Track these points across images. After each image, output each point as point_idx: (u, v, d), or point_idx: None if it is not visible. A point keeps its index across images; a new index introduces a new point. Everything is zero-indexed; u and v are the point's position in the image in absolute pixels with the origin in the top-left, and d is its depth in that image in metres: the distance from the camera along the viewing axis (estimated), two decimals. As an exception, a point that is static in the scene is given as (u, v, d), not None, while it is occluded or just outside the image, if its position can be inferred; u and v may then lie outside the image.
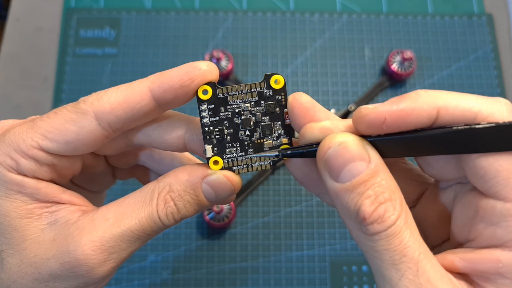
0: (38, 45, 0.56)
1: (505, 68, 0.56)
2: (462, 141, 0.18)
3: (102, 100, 0.21)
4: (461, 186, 0.20)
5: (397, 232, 0.18)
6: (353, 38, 0.57)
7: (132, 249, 0.22)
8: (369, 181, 0.18)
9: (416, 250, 0.18)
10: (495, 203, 0.18)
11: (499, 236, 0.18)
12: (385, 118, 0.18)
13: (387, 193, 0.18)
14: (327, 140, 0.19)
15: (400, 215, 0.18)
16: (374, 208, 0.18)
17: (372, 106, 0.19)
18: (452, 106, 0.18)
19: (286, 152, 0.22)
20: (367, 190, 0.18)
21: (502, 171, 0.17)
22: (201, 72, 0.21)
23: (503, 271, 0.18)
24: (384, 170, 0.19)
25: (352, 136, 0.19)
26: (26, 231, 0.21)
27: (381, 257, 0.18)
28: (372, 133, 0.19)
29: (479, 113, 0.18)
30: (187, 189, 0.22)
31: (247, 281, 0.47)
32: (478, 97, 0.18)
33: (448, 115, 0.18)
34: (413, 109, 0.18)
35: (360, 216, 0.18)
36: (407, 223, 0.18)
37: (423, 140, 0.18)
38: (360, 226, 0.18)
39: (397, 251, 0.18)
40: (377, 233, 0.18)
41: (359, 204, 0.18)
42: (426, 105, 0.18)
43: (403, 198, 0.19)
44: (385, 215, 0.18)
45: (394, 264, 0.18)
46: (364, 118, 0.19)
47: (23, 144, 0.21)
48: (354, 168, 0.18)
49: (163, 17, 0.57)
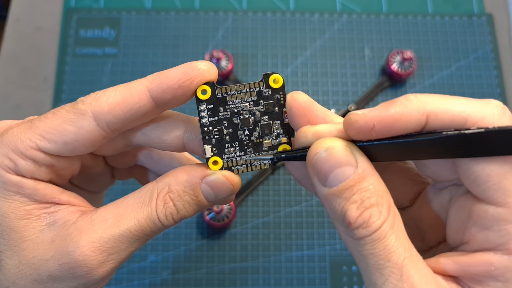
0: (38, 45, 0.56)
1: (505, 68, 0.56)
2: (453, 146, 0.18)
3: (101, 100, 0.21)
4: (456, 188, 0.20)
5: (382, 237, 0.18)
6: (353, 38, 0.57)
7: (131, 249, 0.22)
8: (356, 186, 0.18)
9: (401, 255, 0.18)
10: (487, 207, 0.18)
11: (491, 240, 0.18)
12: (374, 125, 0.18)
13: (374, 198, 0.18)
14: (315, 145, 0.19)
15: (386, 220, 0.18)
16: (360, 213, 0.18)
17: (362, 112, 0.19)
18: (442, 112, 0.18)
19: (280, 156, 0.22)
20: (353, 195, 0.18)
21: (493, 175, 0.17)
22: (199, 72, 0.21)
23: (495, 274, 0.18)
24: (372, 174, 0.19)
25: (339, 142, 0.19)
26: (25, 232, 0.21)
27: (366, 261, 0.18)
28: (362, 138, 0.19)
29: (469, 117, 0.17)
30: (186, 189, 0.22)
31: (247, 281, 0.47)
32: (469, 100, 0.18)
33: (437, 120, 0.18)
34: (401, 115, 0.18)
35: (346, 220, 0.18)
36: (393, 228, 0.18)
37: (413, 146, 0.18)
38: (347, 230, 0.18)
39: (382, 256, 0.18)
40: (362, 237, 0.18)
41: (345, 209, 0.18)
42: (415, 111, 0.18)
43: (392, 203, 0.19)
44: (370, 220, 0.18)
45: (378, 269, 0.18)
46: (353, 125, 0.19)
47: (21, 144, 0.21)
48: (341, 173, 0.18)
49: (163, 17, 0.57)
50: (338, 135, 0.20)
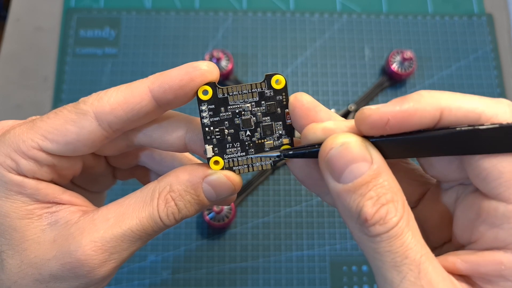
0: (38, 45, 0.56)
1: (505, 68, 0.56)
2: (466, 142, 0.18)
3: (102, 101, 0.21)
4: (463, 188, 0.20)
5: (399, 234, 0.17)
6: (353, 38, 0.57)
7: (133, 249, 0.22)
8: (371, 182, 0.18)
9: (418, 252, 0.17)
10: (497, 204, 0.18)
11: (501, 238, 0.18)
12: (388, 119, 0.18)
13: (389, 195, 0.18)
14: (329, 140, 0.19)
15: (402, 217, 0.18)
16: (376, 210, 0.18)
17: (375, 107, 0.18)
18: (456, 107, 0.18)
19: (288, 153, 0.22)
20: (369, 191, 0.18)
21: (505, 172, 0.17)
22: (201, 72, 0.21)
23: (506, 274, 0.18)
24: (387, 171, 0.19)
25: (354, 137, 0.19)
26: (26, 232, 0.21)
27: (382, 259, 0.18)
28: (375, 134, 0.19)
29: (483, 114, 0.18)
30: (188, 189, 0.22)
31: (247, 281, 0.47)
32: (481, 98, 0.18)
33: (451, 116, 0.18)
34: (416, 110, 0.18)
35: (362, 217, 0.18)
36: (409, 225, 0.18)
37: (426, 141, 0.18)
38: (362, 228, 0.18)
39: (399, 253, 0.17)
40: (378, 234, 0.18)
41: (361, 205, 0.18)
42: (429, 106, 0.18)
43: (405, 200, 0.19)
44: (387, 217, 0.18)
45: (395, 266, 0.17)
46: (367, 119, 0.18)
47: (23, 144, 0.21)
48: (356, 169, 0.18)
49: (163, 17, 0.57)
50: (348, 132, 0.20)
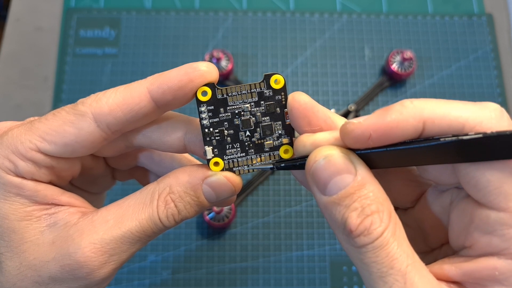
0: (38, 45, 0.56)
1: (505, 68, 0.56)
2: (451, 152, 0.17)
3: (101, 102, 0.21)
4: (457, 191, 0.20)
5: (384, 244, 0.18)
6: (353, 38, 0.57)
7: (132, 250, 0.22)
8: (356, 194, 0.18)
9: (404, 262, 0.18)
10: (489, 212, 0.18)
11: (494, 244, 0.18)
12: (370, 134, 0.18)
13: (374, 205, 0.18)
14: (313, 154, 0.19)
15: (388, 227, 0.18)
16: (361, 221, 0.18)
17: (357, 121, 0.18)
18: (439, 117, 0.18)
19: (280, 165, 0.22)
20: (353, 203, 0.18)
21: (493, 180, 0.17)
22: (200, 73, 0.21)
23: (500, 279, 0.18)
24: (372, 182, 0.19)
25: (337, 150, 0.19)
26: (25, 234, 0.21)
27: (369, 269, 0.18)
28: (360, 147, 0.19)
29: (467, 122, 0.17)
30: (188, 190, 0.22)
31: (247, 281, 0.47)
32: (466, 104, 0.18)
33: (435, 126, 0.18)
34: (398, 123, 0.18)
35: (347, 228, 0.18)
36: (395, 235, 0.18)
37: (411, 153, 0.18)
38: (348, 239, 0.18)
39: (384, 263, 0.17)
40: (364, 245, 0.18)
41: (346, 217, 0.18)
42: (412, 118, 0.18)
43: (392, 210, 0.19)
44: (371, 227, 0.18)
45: (381, 277, 0.18)
46: (349, 135, 0.19)
47: (21, 146, 0.21)
48: (341, 181, 0.18)
49: (163, 17, 0.57)
50: (336, 143, 0.20)
